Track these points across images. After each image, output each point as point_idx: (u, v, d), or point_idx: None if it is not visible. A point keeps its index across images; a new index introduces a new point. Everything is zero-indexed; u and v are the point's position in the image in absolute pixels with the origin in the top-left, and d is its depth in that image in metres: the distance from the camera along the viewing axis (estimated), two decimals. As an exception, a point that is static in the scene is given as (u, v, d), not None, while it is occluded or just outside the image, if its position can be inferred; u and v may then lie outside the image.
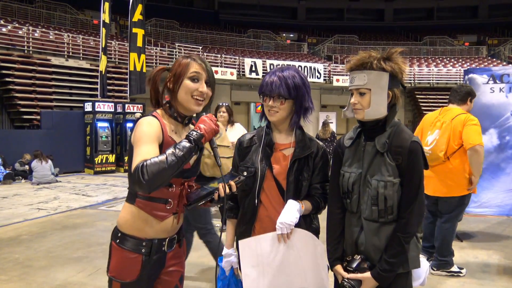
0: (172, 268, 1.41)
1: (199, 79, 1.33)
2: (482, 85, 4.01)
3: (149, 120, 1.29)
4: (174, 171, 1.17)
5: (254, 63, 16.69)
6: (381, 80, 1.35)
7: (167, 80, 1.35)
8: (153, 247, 1.32)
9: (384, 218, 1.36)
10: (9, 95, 11.12)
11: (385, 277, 1.33)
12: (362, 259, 1.37)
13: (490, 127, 3.96)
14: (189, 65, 1.33)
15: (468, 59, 21.08)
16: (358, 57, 1.39)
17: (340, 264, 1.43)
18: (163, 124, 1.30)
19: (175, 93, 1.33)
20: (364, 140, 1.41)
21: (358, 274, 1.36)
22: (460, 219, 3.29)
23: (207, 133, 1.25)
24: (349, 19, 26.96)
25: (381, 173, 1.34)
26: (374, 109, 1.36)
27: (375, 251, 1.37)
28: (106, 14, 10.22)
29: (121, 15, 17.85)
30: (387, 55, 1.37)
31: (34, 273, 3.23)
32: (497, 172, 4.00)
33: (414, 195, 1.33)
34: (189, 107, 1.33)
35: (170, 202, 1.32)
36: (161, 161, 1.15)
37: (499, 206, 4.00)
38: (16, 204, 6.08)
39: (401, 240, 1.33)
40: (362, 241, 1.39)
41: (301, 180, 1.47)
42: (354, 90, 1.39)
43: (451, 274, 3.05)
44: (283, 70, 1.48)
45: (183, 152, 1.18)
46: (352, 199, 1.41)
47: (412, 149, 1.33)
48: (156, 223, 1.32)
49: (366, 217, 1.38)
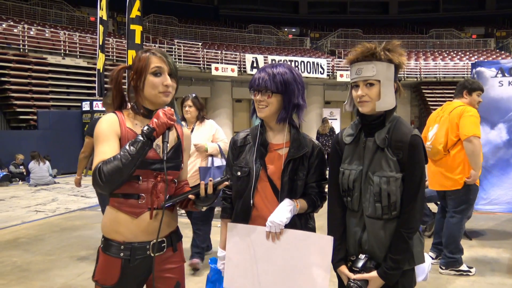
0: (166, 274, 1.38)
1: (162, 73, 1.32)
2: (490, 79, 3.91)
3: (105, 117, 1.33)
4: (130, 168, 1.22)
5: (255, 59, 16.41)
6: (389, 71, 1.34)
7: (131, 78, 1.35)
8: (132, 251, 1.31)
9: (388, 214, 1.34)
10: (4, 95, 10.93)
11: (392, 275, 1.32)
12: (367, 258, 1.35)
13: (499, 121, 3.92)
14: (149, 60, 1.32)
15: (476, 52, 20.75)
16: (362, 48, 1.35)
17: (344, 264, 1.40)
18: (121, 119, 1.33)
19: (140, 90, 1.33)
20: (365, 136, 1.39)
21: (365, 274, 1.34)
22: (469, 216, 3.22)
23: (158, 127, 1.25)
24: (352, 12, 26.63)
25: (383, 169, 1.33)
26: (385, 101, 1.34)
27: (380, 249, 1.35)
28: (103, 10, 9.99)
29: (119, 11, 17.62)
30: (391, 46, 1.35)
31: (33, 276, 3.18)
32: (507, 169, 3.97)
33: (416, 190, 1.32)
34: (157, 101, 1.34)
35: (143, 197, 1.31)
36: (115, 159, 1.21)
37: (509, 203, 3.96)
38: (13, 207, 6.03)
39: (405, 236, 1.32)
40: (365, 239, 1.37)
41: (296, 180, 1.46)
42: (361, 82, 1.35)
43: (460, 274, 3.01)
44: (274, 66, 1.47)
45: (136, 148, 1.22)
46: (353, 197, 1.39)
47: (412, 143, 1.32)
48: (131, 221, 1.30)
49: (369, 215, 1.36)
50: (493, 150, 4.01)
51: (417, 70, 18.36)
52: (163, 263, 1.37)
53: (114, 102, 1.37)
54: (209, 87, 16.48)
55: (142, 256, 1.32)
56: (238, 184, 1.50)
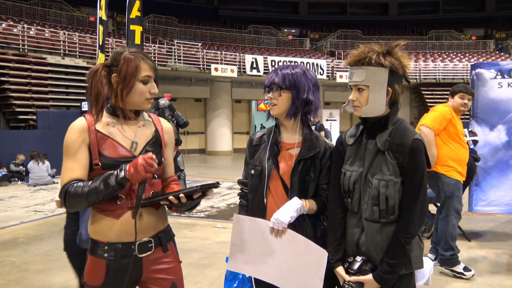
0: (158, 275, 1.35)
1: (150, 81, 1.33)
2: (489, 80, 3.92)
3: (73, 125, 1.31)
4: (94, 202, 1.25)
5: (255, 60, 16.36)
6: (380, 76, 1.31)
7: (114, 81, 1.30)
8: (117, 252, 1.30)
9: (385, 218, 1.33)
10: (4, 95, 10.89)
11: (387, 279, 1.31)
12: (363, 261, 1.35)
13: (498, 123, 3.93)
14: (140, 67, 1.30)
15: (475, 53, 20.71)
16: (357, 51, 1.35)
17: (342, 265, 1.40)
18: (90, 122, 1.30)
19: (123, 96, 1.29)
20: (366, 138, 1.38)
21: (360, 276, 1.34)
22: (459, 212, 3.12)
23: (132, 178, 1.22)
24: (352, 13, 26.56)
25: (382, 172, 1.32)
26: (371, 107, 1.33)
27: (377, 252, 1.35)
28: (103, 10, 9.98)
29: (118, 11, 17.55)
30: (388, 49, 1.33)
31: (32, 277, 3.18)
32: (506, 170, 3.95)
33: (415, 195, 1.30)
34: (141, 108, 1.35)
35: (121, 197, 1.30)
36: (82, 191, 1.23)
37: (508, 204, 3.96)
38: (12, 207, 6.03)
39: (402, 241, 1.31)
40: (363, 242, 1.37)
41: (308, 180, 1.47)
42: (353, 86, 1.36)
43: (454, 275, 3.03)
44: (286, 67, 1.50)
45: (106, 190, 1.23)
46: (353, 199, 1.39)
47: (413, 147, 1.30)
48: (113, 222, 1.30)
49: (367, 218, 1.36)
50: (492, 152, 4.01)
51: (417, 71, 18.34)
52: (154, 264, 1.35)
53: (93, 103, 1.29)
54: (208, 87, 16.46)
55: (128, 257, 1.30)
56: (252, 182, 1.54)
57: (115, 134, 1.32)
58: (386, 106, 1.35)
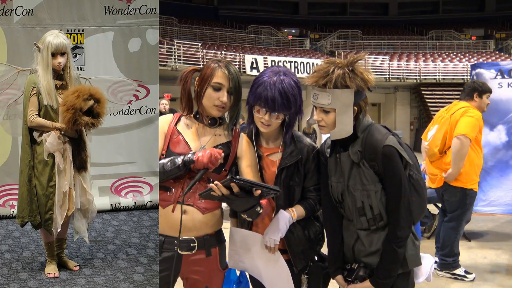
0: (193, 276, 1.41)
1: (221, 89, 1.37)
2: (489, 80, 3.89)
3: (162, 118, 1.52)
4: (168, 176, 1.37)
5: (255, 60, 16.39)
6: (346, 98, 1.30)
7: (196, 83, 1.43)
8: (160, 243, 1.38)
9: (375, 225, 1.36)
10: (3, 95, 10.90)
11: (384, 283, 1.34)
12: (361, 268, 1.38)
13: (498, 123, 3.91)
14: (214, 72, 1.38)
15: (475, 53, 20.71)
16: (319, 72, 1.31)
17: (341, 274, 1.43)
18: (174, 119, 1.46)
19: (198, 98, 1.41)
20: (338, 152, 1.38)
21: (358, 283, 1.37)
22: (468, 220, 3.22)
23: (197, 162, 1.32)
24: (352, 13, 26.57)
25: (362, 183, 1.34)
26: (340, 129, 1.33)
27: (372, 258, 1.37)
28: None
29: (119, 11, 17.50)
30: (350, 64, 1.30)
31: None
32: (506, 170, 3.95)
33: (397, 199, 1.31)
34: (210, 113, 1.41)
35: (171, 189, 1.38)
36: (160, 164, 1.39)
37: (508, 204, 3.96)
38: None
39: (394, 246, 1.32)
40: (359, 248, 1.39)
41: (293, 185, 1.45)
42: (318, 107, 1.35)
43: (455, 277, 2.97)
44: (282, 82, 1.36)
45: (171, 168, 1.35)
46: (345, 209, 1.41)
47: (385, 154, 1.30)
48: (163, 213, 1.38)
49: (358, 227, 1.39)
50: (492, 152, 4.00)
51: (417, 71, 18.33)
52: (192, 264, 1.39)
53: (182, 102, 1.45)
54: (208, 87, 16.48)
55: (171, 252, 1.34)
56: None
57: (188, 134, 1.43)
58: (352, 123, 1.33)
